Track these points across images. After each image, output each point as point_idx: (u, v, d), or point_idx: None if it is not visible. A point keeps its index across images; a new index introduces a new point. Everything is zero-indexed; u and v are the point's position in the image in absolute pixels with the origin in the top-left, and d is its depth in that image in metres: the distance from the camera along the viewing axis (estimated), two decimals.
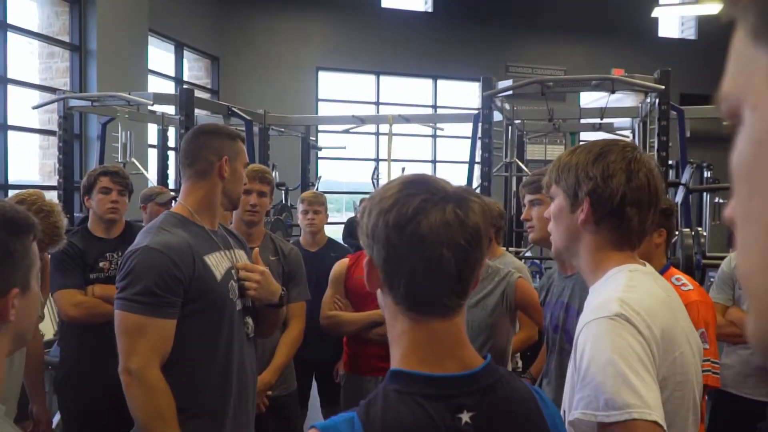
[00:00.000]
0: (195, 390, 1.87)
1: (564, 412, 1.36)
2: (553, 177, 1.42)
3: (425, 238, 0.94)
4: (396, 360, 1.00)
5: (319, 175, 8.60)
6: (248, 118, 6.11)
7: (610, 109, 5.86)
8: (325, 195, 4.02)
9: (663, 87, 4.59)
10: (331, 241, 3.73)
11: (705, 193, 7.06)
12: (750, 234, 0.34)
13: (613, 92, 4.78)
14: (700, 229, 4.89)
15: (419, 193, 0.96)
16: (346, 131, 7.51)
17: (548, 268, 5.95)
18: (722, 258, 4.47)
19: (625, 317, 1.19)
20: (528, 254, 5.89)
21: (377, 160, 11.75)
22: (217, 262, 1.95)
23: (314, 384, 3.64)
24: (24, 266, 1.01)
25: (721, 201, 8.49)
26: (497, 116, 5.39)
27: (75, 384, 2.79)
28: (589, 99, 9.67)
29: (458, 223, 0.94)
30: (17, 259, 0.99)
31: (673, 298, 1.37)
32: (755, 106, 0.32)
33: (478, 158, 5.43)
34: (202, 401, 1.89)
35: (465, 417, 0.95)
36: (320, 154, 10.27)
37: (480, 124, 5.01)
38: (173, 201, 4.02)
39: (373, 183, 9.16)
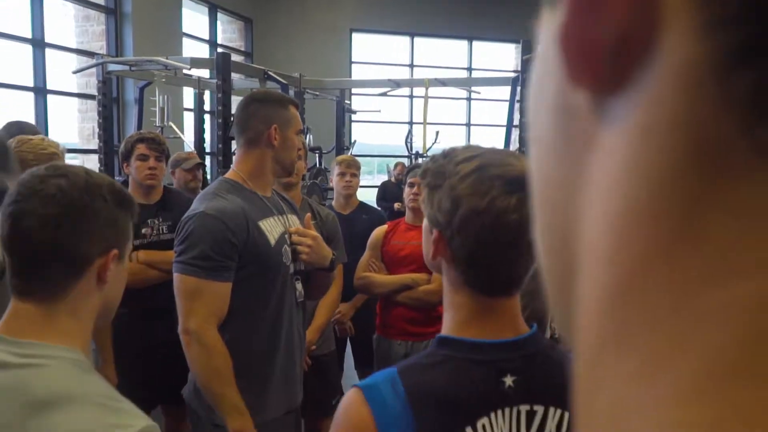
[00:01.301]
0: (245, 350, 1.93)
1: None
2: None
3: (518, 240, 0.96)
4: (449, 326, 1.03)
5: (354, 140, 8.57)
6: (284, 81, 6.11)
7: None
8: (359, 158, 4.05)
9: None
10: (362, 204, 3.76)
11: None
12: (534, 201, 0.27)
13: None
14: None
15: (513, 191, 0.95)
16: (382, 95, 7.45)
17: None
18: None
19: None
20: None
21: (411, 123, 11.68)
22: (271, 227, 2.00)
23: (348, 345, 3.72)
24: (123, 237, 1.08)
25: None
26: None
27: (122, 345, 2.87)
28: None
29: None
30: (120, 228, 1.08)
31: None
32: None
33: (514, 122, 5.37)
34: (251, 360, 1.95)
35: (508, 380, 0.98)
36: (354, 117, 10.24)
37: (519, 88, 4.93)
38: (200, 166, 4.07)
39: (406, 146, 9.12)
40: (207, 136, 7.13)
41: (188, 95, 8.20)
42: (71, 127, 7.72)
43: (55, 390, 0.94)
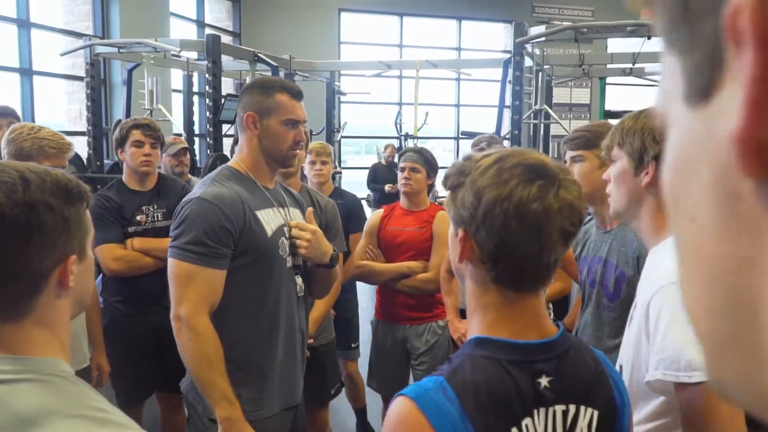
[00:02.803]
0: (241, 342, 1.90)
1: (620, 366, 1.41)
2: (616, 140, 1.43)
3: (543, 225, 0.96)
4: (480, 327, 1.04)
5: (344, 122, 8.55)
6: (274, 63, 6.06)
7: (642, 54, 5.73)
8: (342, 140, 4.01)
9: None
10: (337, 189, 3.75)
11: None
12: (688, 271, 0.30)
13: (649, 38, 4.66)
14: None
15: (534, 179, 0.97)
16: (374, 76, 7.42)
17: None
18: None
19: None
20: None
21: (400, 104, 11.64)
22: (269, 218, 1.95)
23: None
24: (80, 234, 1.02)
25: None
26: (527, 61, 5.30)
27: (117, 333, 2.87)
28: (617, 41, 9.41)
29: (569, 208, 0.98)
30: (74, 227, 1.00)
31: None
32: (671, 124, 0.30)
33: (506, 103, 5.37)
34: (247, 354, 1.91)
35: (544, 381, 1.00)
36: (343, 98, 10.19)
37: (511, 70, 4.92)
38: (185, 151, 4.05)
39: (396, 127, 9.11)
40: (196, 118, 7.07)
41: (176, 77, 8.11)
42: (58, 109, 7.63)
43: (37, 405, 0.89)
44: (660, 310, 1.22)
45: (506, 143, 4.59)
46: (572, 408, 1.01)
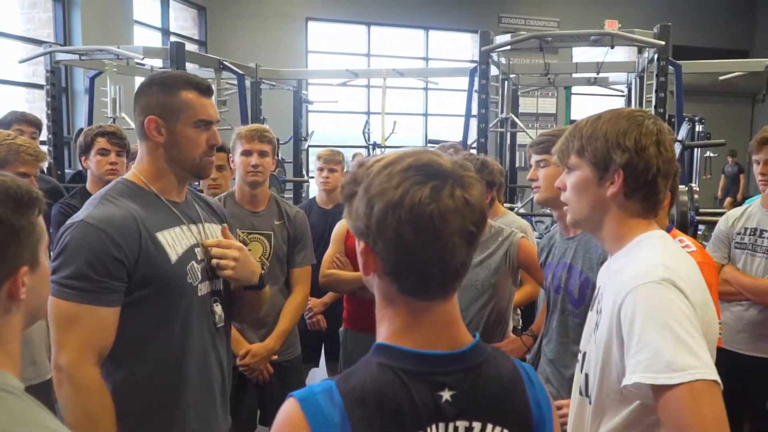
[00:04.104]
0: (144, 389, 1.63)
1: (586, 375, 1.38)
2: (574, 147, 1.37)
3: (439, 230, 0.91)
4: (385, 335, 0.99)
5: (312, 131, 8.51)
6: (240, 72, 6.01)
7: (606, 64, 5.82)
8: (309, 149, 3.99)
9: (663, 43, 4.56)
10: None
11: (696, 148, 7.09)
12: None
13: (612, 47, 4.74)
14: (693, 185, 4.93)
15: (426, 180, 0.91)
16: (341, 84, 7.42)
17: (539, 222, 6.00)
18: (715, 214, 4.53)
19: (672, 282, 1.19)
20: (521, 210, 5.92)
21: (368, 113, 11.65)
22: (174, 240, 1.66)
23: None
24: (32, 243, 0.97)
25: (711, 155, 8.54)
26: (493, 70, 5.34)
27: None
28: (582, 52, 9.57)
29: (467, 207, 0.92)
30: (24, 237, 0.95)
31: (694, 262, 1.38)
32: None
33: (473, 112, 5.40)
34: (152, 403, 1.64)
35: (446, 395, 0.95)
36: (311, 107, 10.16)
37: (477, 79, 4.96)
38: None
39: (364, 136, 9.10)
40: None
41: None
42: None
43: None
44: (633, 312, 1.19)
45: (473, 152, 4.61)
46: (477, 425, 0.96)
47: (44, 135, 5.92)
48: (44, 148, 5.84)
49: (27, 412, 0.89)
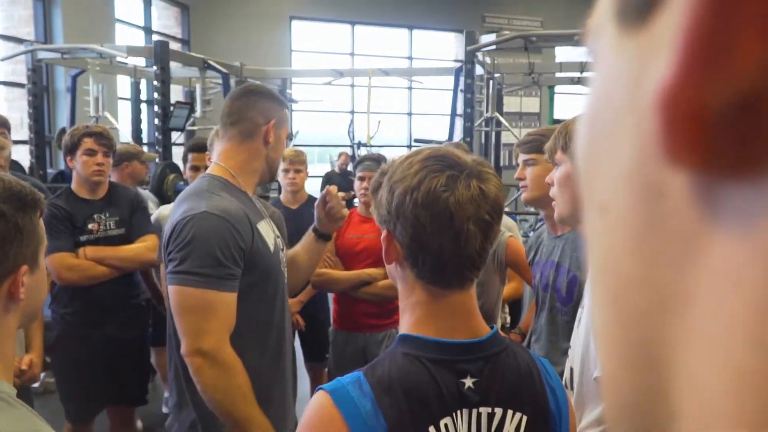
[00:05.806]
0: (250, 372, 1.69)
1: (571, 370, 1.41)
2: (560, 143, 1.42)
3: (454, 215, 0.95)
4: (407, 326, 1.03)
5: (296, 130, 8.50)
6: (225, 71, 5.99)
7: (591, 64, 5.86)
8: (302, 148, 4.04)
9: None
10: (311, 197, 3.73)
11: None
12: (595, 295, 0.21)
13: None
14: None
15: (444, 170, 0.97)
16: (326, 84, 7.41)
17: (523, 221, 6.04)
18: None
19: None
20: (506, 209, 5.96)
21: (353, 112, 11.64)
22: (266, 231, 1.81)
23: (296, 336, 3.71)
24: (33, 243, 0.98)
25: None
26: (478, 70, 5.37)
27: (68, 347, 2.78)
28: (566, 51, 9.63)
29: (483, 197, 0.97)
30: (26, 235, 0.96)
31: None
32: (596, 58, 0.22)
33: (458, 112, 5.43)
34: (258, 386, 1.72)
35: (468, 382, 0.98)
36: (295, 107, 10.13)
37: (462, 79, 4.98)
38: (157, 160, 3.98)
39: (349, 135, 9.10)
40: (144, 126, 6.91)
41: (123, 84, 7.93)
42: None
43: None
44: None
45: None
46: (499, 411, 1.00)
47: (26, 134, 5.86)
48: (25, 148, 5.79)
49: (20, 420, 0.89)
